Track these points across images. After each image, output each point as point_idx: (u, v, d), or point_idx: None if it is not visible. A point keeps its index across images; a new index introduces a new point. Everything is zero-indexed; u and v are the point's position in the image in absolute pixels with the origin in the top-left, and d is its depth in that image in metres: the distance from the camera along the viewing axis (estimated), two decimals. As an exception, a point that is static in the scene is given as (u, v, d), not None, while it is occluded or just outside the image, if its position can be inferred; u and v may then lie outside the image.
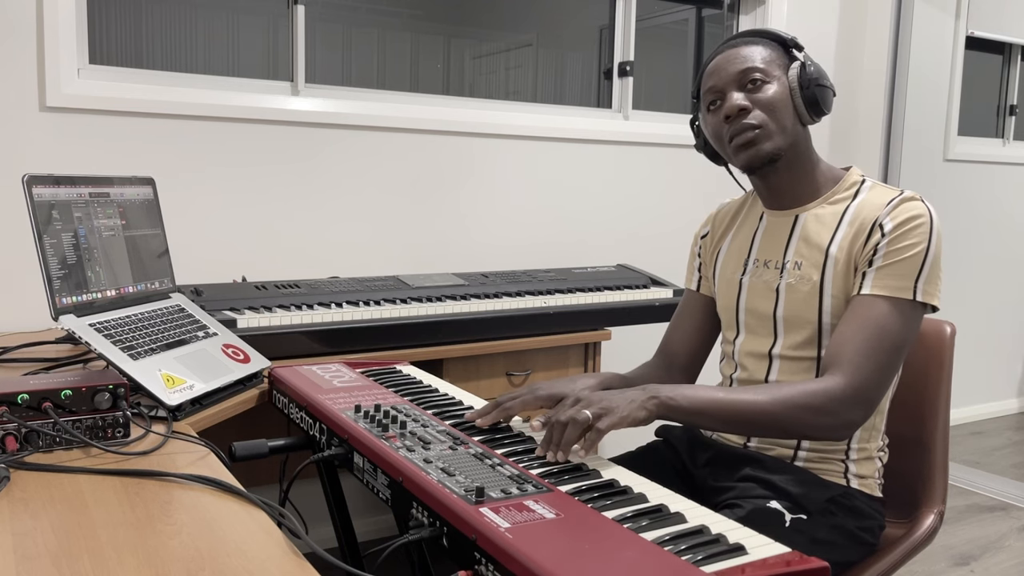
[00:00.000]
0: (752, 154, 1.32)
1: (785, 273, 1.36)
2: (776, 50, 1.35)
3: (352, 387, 1.46)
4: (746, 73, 1.31)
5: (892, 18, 3.49)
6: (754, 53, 1.33)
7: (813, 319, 1.32)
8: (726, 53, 1.35)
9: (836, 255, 1.30)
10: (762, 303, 1.39)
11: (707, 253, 1.55)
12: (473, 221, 2.72)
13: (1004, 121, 4.06)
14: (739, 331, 1.44)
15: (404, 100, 2.63)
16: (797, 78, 1.31)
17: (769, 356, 1.38)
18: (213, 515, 0.93)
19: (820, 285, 1.31)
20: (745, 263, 1.44)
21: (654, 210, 3.08)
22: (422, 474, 1.00)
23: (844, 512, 1.29)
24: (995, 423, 4.09)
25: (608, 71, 3.09)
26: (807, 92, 1.31)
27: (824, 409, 1.20)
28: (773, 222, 1.41)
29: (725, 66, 1.34)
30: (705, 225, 1.58)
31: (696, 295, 1.56)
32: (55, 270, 1.35)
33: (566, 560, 0.78)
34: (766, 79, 1.31)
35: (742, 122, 1.31)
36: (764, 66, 1.32)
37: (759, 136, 1.31)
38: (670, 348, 1.57)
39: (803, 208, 1.38)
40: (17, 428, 1.09)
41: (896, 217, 1.26)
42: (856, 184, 1.36)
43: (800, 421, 1.20)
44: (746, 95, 1.31)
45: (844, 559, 1.28)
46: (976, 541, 2.70)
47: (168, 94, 2.23)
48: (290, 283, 2.03)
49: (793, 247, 1.36)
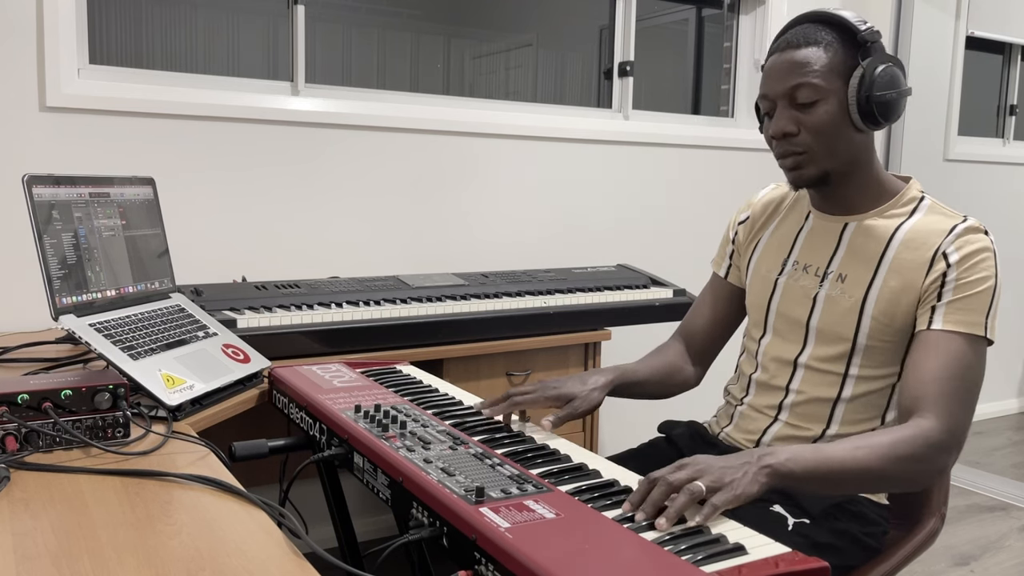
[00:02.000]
0: (795, 176, 1.27)
1: (826, 283, 1.31)
2: (839, 49, 1.22)
3: (352, 387, 1.46)
4: (797, 90, 1.22)
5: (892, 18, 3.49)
6: (811, 60, 1.22)
7: (849, 336, 1.28)
8: (783, 55, 1.24)
9: (886, 277, 1.24)
10: (796, 309, 1.35)
11: (743, 242, 1.48)
12: (473, 221, 2.72)
13: (1004, 121, 4.06)
14: (766, 331, 1.40)
15: (404, 100, 2.63)
16: (856, 92, 1.21)
17: (795, 363, 1.35)
18: (213, 515, 0.93)
19: (862, 303, 1.26)
20: (783, 263, 1.39)
21: (654, 210, 3.08)
22: (422, 474, 1.00)
23: (848, 517, 1.27)
24: (995, 423, 4.09)
25: (608, 71, 3.09)
26: (864, 106, 1.21)
27: (924, 457, 1.13)
28: (820, 225, 1.36)
29: (779, 75, 1.24)
30: (744, 210, 1.50)
31: (723, 283, 1.51)
32: (55, 270, 1.35)
33: (566, 560, 0.78)
34: (819, 97, 1.22)
35: (787, 147, 1.25)
36: (818, 81, 1.21)
37: (803, 161, 1.25)
38: (689, 332, 1.53)
39: (854, 216, 1.31)
40: (17, 428, 1.09)
41: (962, 248, 1.21)
42: (914, 200, 1.30)
43: (902, 474, 1.13)
44: (794, 113, 1.23)
45: (846, 563, 1.26)
46: (976, 541, 2.70)
47: (168, 94, 2.23)
48: (290, 283, 2.03)
49: (839, 257, 1.31)
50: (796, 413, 1.35)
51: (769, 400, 1.38)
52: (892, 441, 1.12)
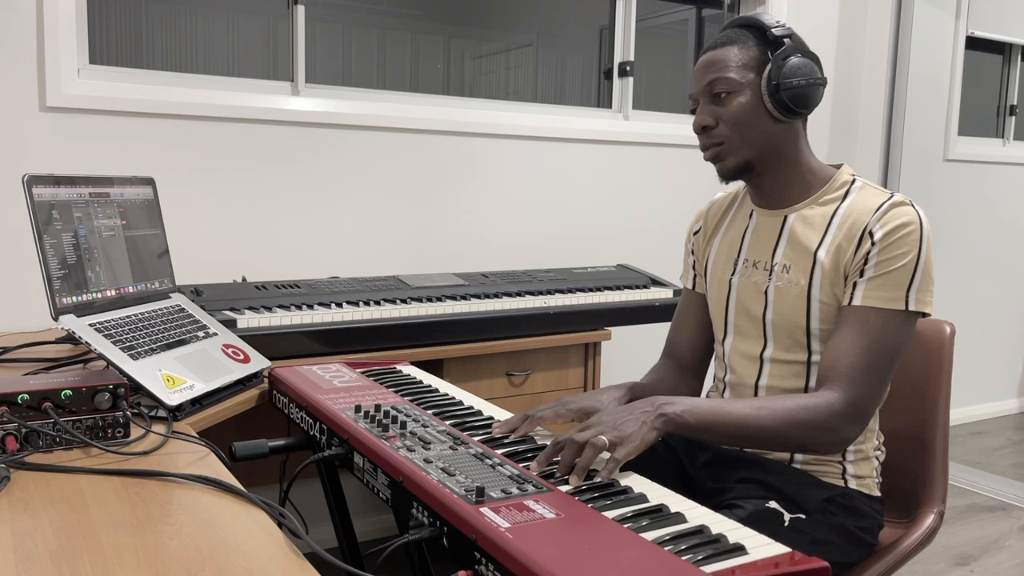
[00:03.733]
0: (719, 168, 1.33)
1: (773, 276, 1.35)
2: (754, 48, 1.30)
3: (352, 387, 1.46)
4: (712, 84, 1.30)
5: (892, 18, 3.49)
6: (727, 58, 1.30)
7: (802, 324, 1.31)
8: (704, 56, 1.33)
9: (824, 261, 1.29)
10: (752, 305, 1.38)
11: (700, 250, 1.54)
12: (473, 221, 2.72)
13: (1004, 121, 4.06)
14: (727, 332, 1.43)
15: (404, 100, 2.63)
16: (767, 82, 1.28)
17: (760, 359, 1.37)
18: (213, 515, 0.93)
19: (808, 290, 1.30)
20: (735, 262, 1.43)
21: (654, 210, 3.08)
22: (422, 474, 1.00)
23: (843, 512, 1.29)
24: (995, 423, 4.09)
25: (608, 71, 3.09)
26: (778, 96, 1.27)
27: (823, 425, 1.20)
28: (762, 221, 1.40)
29: (699, 73, 1.33)
30: (697, 221, 1.56)
31: (694, 294, 1.55)
32: (55, 270, 1.35)
33: (566, 560, 0.78)
34: (732, 89, 1.28)
35: (706, 140, 1.32)
36: (733, 75, 1.29)
37: (722, 152, 1.31)
38: (675, 350, 1.56)
39: (792, 208, 1.36)
40: (17, 428, 1.09)
41: (886, 224, 1.24)
42: (846, 184, 1.34)
43: (799, 438, 1.21)
44: (713, 108, 1.30)
45: (844, 559, 1.28)
46: (976, 541, 2.70)
47: (168, 94, 2.23)
48: (290, 283, 2.03)
49: (781, 249, 1.35)
50: None
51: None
52: (795, 406, 1.20)
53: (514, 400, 2.20)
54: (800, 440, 1.21)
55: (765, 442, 1.23)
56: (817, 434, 1.20)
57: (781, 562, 0.81)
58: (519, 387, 2.22)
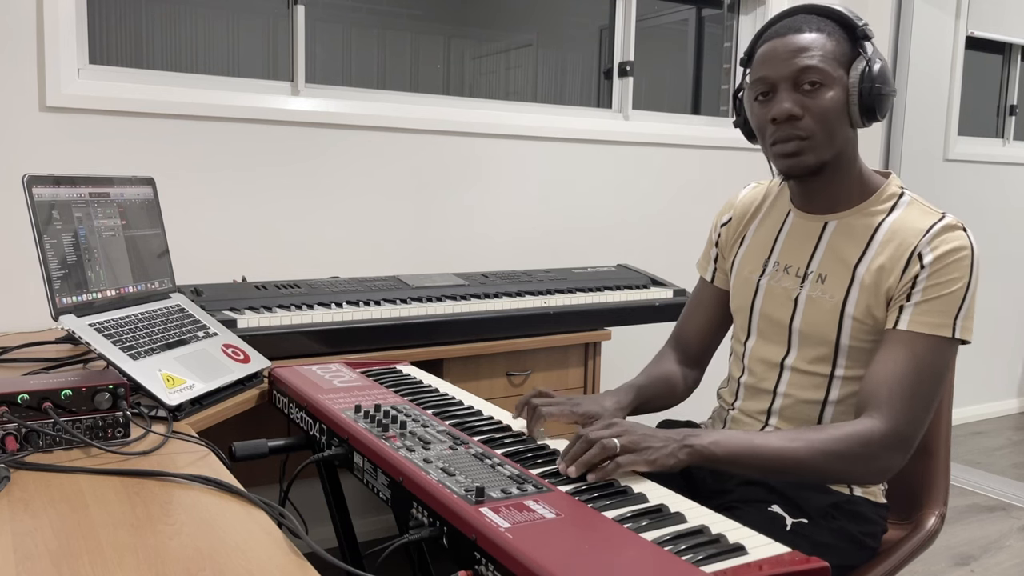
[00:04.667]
0: (793, 164, 1.24)
1: (807, 284, 1.30)
2: (841, 40, 1.21)
3: (352, 387, 1.46)
4: (804, 72, 1.19)
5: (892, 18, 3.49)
6: (816, 45, 1.19)
7: (831, 338, 1.27)
8: (786, 39, 1.21)
9: (864, 278, 1.23)
10: (779, 311, 1.33)
11: (727, 244, 1.47)
12: (473, 221, 2.72)
13: (1004, 121, 4.06)
14: (751, 334, 1.39)
15: (404, 100, 2.63)
16: (859, 82, 1.19)
17: (781, 366, 1.34)
18: (213, 515, 0.93)
19: (843, 305, 1.25)
20: (764, 263, 1.37)
21: (654, 210, 3.08)
22: (422, 474, 1.00)
23: (846, 517, 1.26)
24: (995, 423, 4.09)
25: (608, 71, 3.09)
26: (867, 99, 1.20)
27: (862, 456, 1.15)
28: (800, 224, 1.34)
29: (783, 56, 1.20)
30: (726, 212, 1.48)
31: (710, 287, 1.50)
32: (55, 270, 1.35)
33: (566, 560, 0.78)
34: (824, 82, 1.19)
35: (790, 130, 1.21)
36: (824, 65, 1.19)
37: (805, 147, 1.22)
38: (682, 339, 1.53)
39: (834, 215, 1.30)
40: (17, 428, 1.09)
41: (937, 248, 1.18)
42: (894, 197, 1.27)
43: (838, 470, 1.16)
44: (799, 98, 1.20)
45: (844, 562, 1.26)
46: (976, 541, 2.70)
47: (168, 94, 2.23)
48: (290, 283, 2.03)
49: (819, 258, 1.29)
50: (785, 417, 1.34)
51: (758, 405, 1.38)
52: (830, 437, 1.15)
53: (514, 400, 2.20)
54: (839, 472, 1.17)
55: (800, 475, 1.17)
56: (857, 465, 1.15)
57: (781, 562, 0.81)
58: (519, 387, 2.22)
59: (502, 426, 1.26)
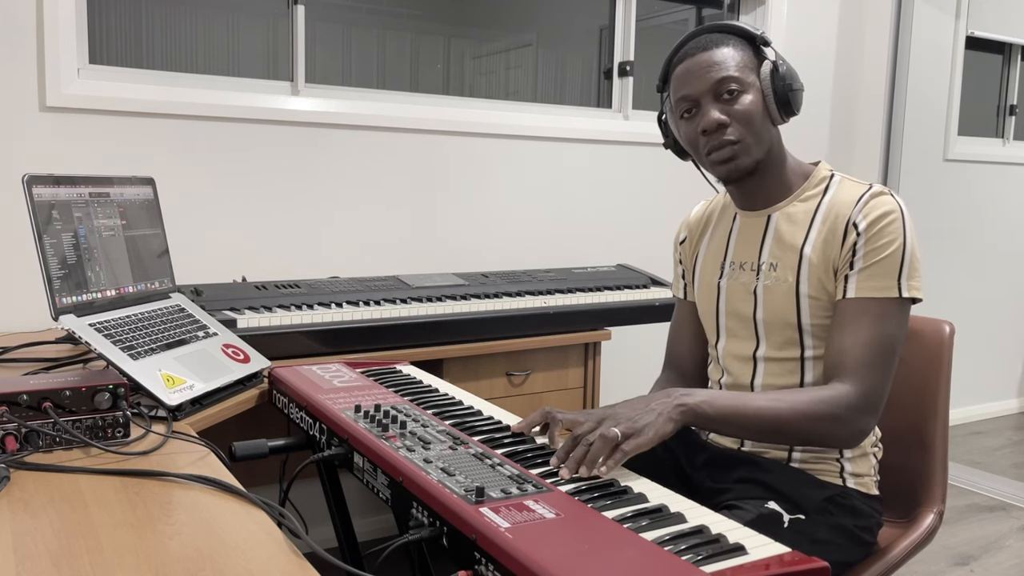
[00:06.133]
0: (731, 168, 1.30)
1: (761, 275, 1.35)
2: (746, 50, 1.31)
3: (352, 387, 1.46)
4: (722, 83, 1.27)
5: (892, 18, 3.49)
6: (727, 57, 1.29)
7: (792, 321, 1.31)
8: (697, 58, 1.30)
9: (810, 256, 1.29)
10: (741, 305, 1.38)
11: (688, 259, 1.54)
12: (473, 221, 2.72)
13: (1004, 121, 4.06)
14: (719, 335, 1.43)
15: (404, 100, 2.63)
16: (771, 82, 1.28)
17: (754, 359, 1.37)
18: (213, 515, 0.93)
19: (796, 287, 1.30)
20: (721, 266, 1.43)
21: (654, 210, 3.08)
22: (422, 474, 1.00)
23: (842, 511, 1.28)
24: (995, 423, 4.09)
25: (608, 71, 3.09)
26: (780, 96, 1.28)
27: (839, 418, 1.20)
28: (746, 223, 1.40)
29: (699, 73, 1.29)
30: (681, 231, 1.57)
31: (687, 303, 1.55)
32: (55, 270, 1.35)
33: (566, 560, 0.78)
34: (741, 88, 1.28)
35: (721, 138, 1.28)
36: (739, 73, 1.28)
37: (739, 151, 1.29)
38: (675, 360, 1.56)
39: (775, 208, 1.36)
40: (17, 428, 1.09)
41: (868, 214, 1.25)
42: (825, 180, 1.35)
43: (817, 431, 1.21)
44: (722, 107, 1.28)
45: (844, 559, 1.28)
46: (976, 541, 2.70)
47: (168, 94, 2.23)
48: (290, 283, 2.03)
49: (767, 248, 1.35)
50: None
51: None
52: (811, 399, 1.21)
53: (514, 400, 2.20)
54: (818, 433, 1.21)
55: (782, 435, 1.22)
56: (834, 427, 1.21)
57: (781, 562, 0.81)
58: (519, 387, 2.22)
59: (502, 426, 1.26)
